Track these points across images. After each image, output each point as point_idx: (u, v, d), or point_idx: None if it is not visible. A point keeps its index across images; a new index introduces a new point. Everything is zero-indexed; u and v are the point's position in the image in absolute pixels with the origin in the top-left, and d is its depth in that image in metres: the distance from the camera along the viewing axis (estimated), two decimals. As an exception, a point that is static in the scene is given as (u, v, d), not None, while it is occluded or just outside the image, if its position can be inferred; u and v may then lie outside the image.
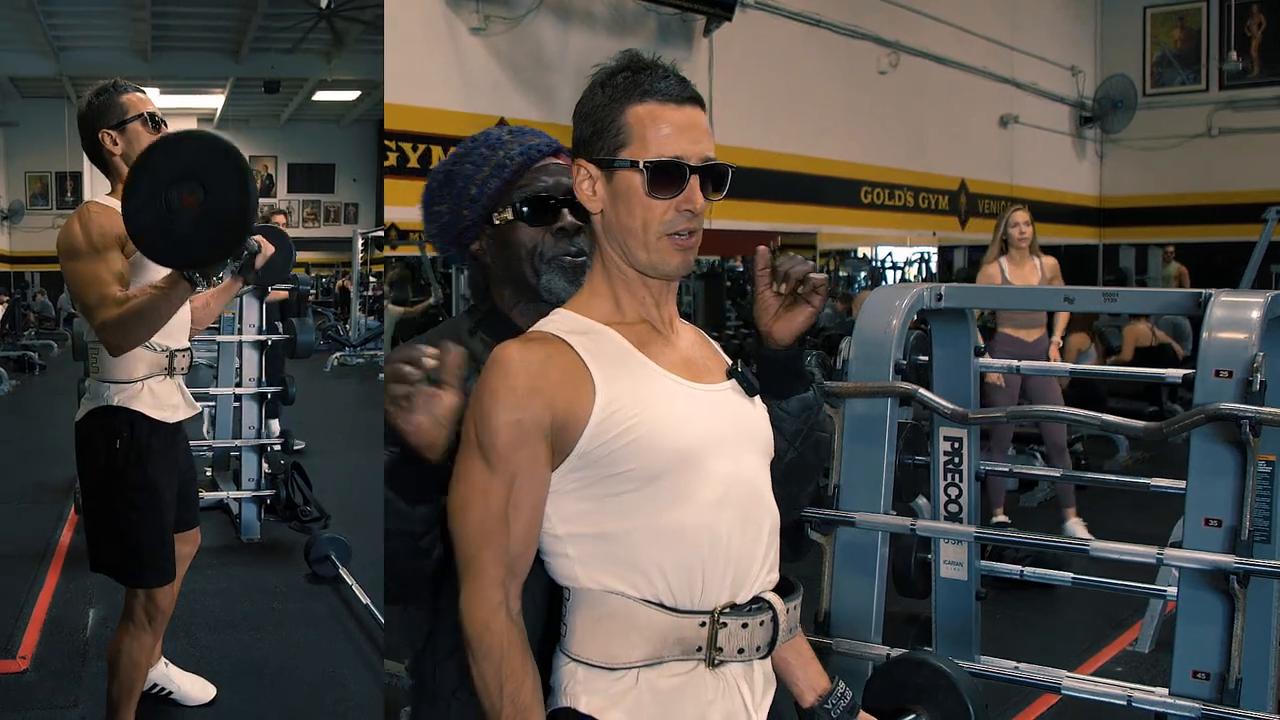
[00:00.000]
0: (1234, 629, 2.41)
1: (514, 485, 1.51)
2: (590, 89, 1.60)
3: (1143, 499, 3.75)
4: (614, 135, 1.56)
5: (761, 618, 1.57)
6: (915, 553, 3.55)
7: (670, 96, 1.57)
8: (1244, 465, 2.44)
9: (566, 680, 1.56)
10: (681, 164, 1.55)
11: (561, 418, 1.50)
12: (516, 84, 7.38)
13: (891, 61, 10.66)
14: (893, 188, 11.12)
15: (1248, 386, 2.42)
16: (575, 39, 7.66)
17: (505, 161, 1.83)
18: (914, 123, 11.30)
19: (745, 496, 1.59)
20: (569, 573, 1.56)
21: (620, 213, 1.56)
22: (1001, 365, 3.09)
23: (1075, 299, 2.99)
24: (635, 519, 1.52)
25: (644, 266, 1.58)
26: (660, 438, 1.51)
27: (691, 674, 1.54)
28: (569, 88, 7.61)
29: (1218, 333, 2.50)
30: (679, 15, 8.18)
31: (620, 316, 1.60)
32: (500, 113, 7.23)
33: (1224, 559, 2.40)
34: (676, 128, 1.56)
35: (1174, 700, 2.45)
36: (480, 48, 7.13)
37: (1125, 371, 3.55)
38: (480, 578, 1.52)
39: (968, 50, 11.86)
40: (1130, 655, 4.64)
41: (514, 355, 1.52)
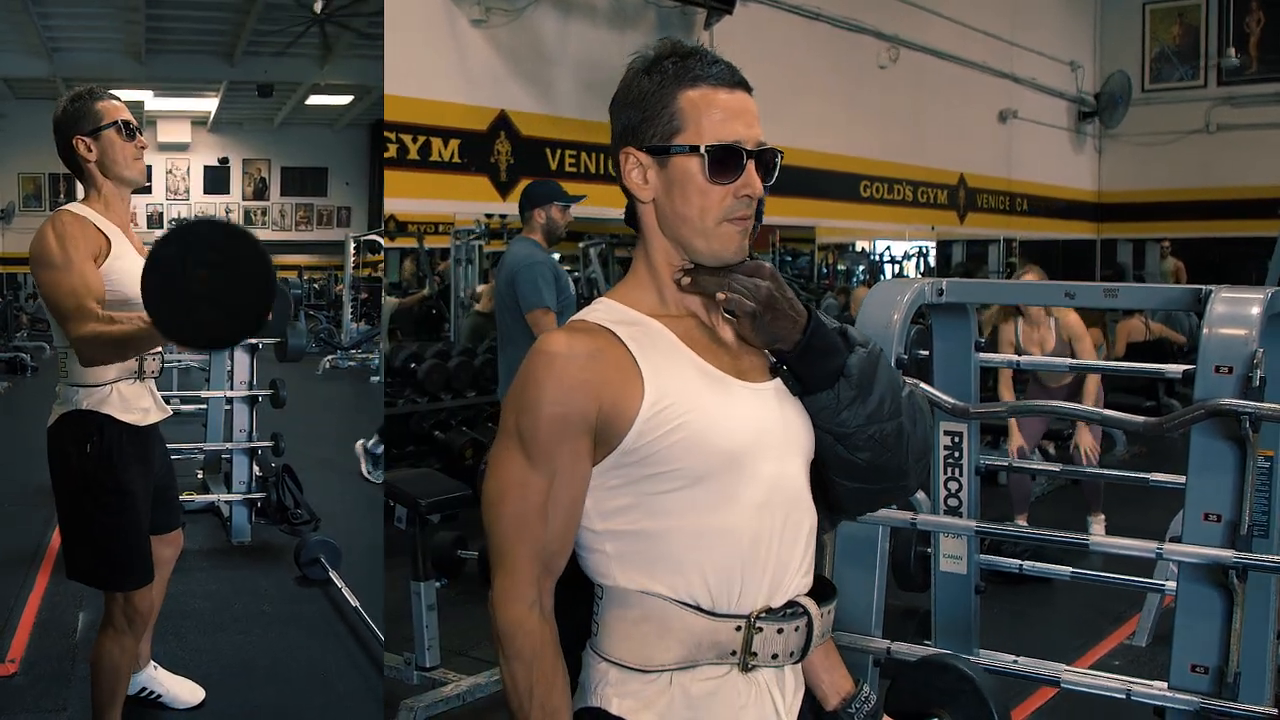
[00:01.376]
0: (1233, 623, 2.42)
1: (554, 480, 1.47)
2: (632, 77, 1.55)
3: (1139, 493, 3.76)
4: (667, 121, 1.52)
5: (797, 623, 1.55)
6: (915, 547, 3.56)
7: (722, 81, 1.53)
8: (1243, 461, 2.45)
9: (598, 680, 1.54)
10: (739, 148, 1.51)
11: (608, 412, 1.47)
12: (517, 76, 7.38)
13: (891, 56, 10.66)
14: (892, 182, 11.12)
15: (1248, 382, 2.43)
16: (575, 31, 7.66)
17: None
18: (913, 117, 11.31)
19: (787, 500, 1.56)
20: (605, 570, 1.53)
21: (676, 200, 1.53)
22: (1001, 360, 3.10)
23: (1076, 294, 3.00)
24: (677, 519, 1.49)
25: (702, 254, 1.54)
26: (709, 438, 1.48)
27: (725, 678, 1.52)
28: (570, 80, 7.61)
29: (1218, 329, 2.51)
30: (679, 9, 8.17)
31: (665, 309, 1.57)
32: (500, 105, 7.23)
33: (1223, 554, 2.42)
34: (731, 112, 1.52)
35: (1173, 694, 2.47)
36: (481, 40, 7.12)
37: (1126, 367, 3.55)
38: (514, 574, 1.48)
39: (967, 45, 11.86)
40: (1128, 649, 4.66)
41: (561, 345, 1.48)
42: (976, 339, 3.19)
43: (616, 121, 1.57)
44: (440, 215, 11.72)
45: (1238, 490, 2.45)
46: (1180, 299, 2.76)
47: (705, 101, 1.52)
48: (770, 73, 8.91)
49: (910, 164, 11.35)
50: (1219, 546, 2.45)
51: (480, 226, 11.26)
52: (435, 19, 6.87)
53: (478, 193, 7.24)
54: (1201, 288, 2.65)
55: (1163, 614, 4.49)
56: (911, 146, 11.33)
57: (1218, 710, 2.37)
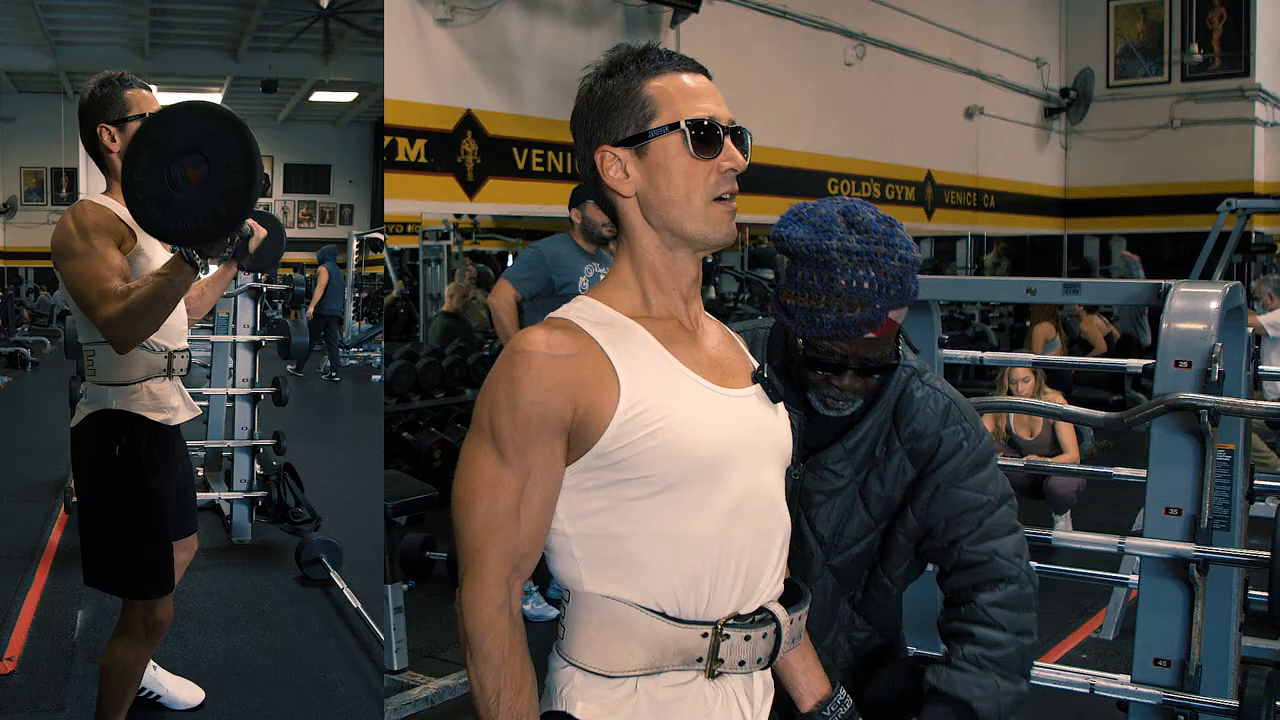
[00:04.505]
0: (1194, 616, 2.44)
1: (528, 480, 1.46)
2: (592, 84, 1.55)
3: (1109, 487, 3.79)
4: (639, 109, 1.51)
5: (765, 630, 1.54)
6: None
7: (684, 67, 1.54)
8: (1203, 454, 2.47)
9: (563, 684, 1.53)
10: (717, 124, 1.51)
11: (583, 414, 1.45)
12: (483, 76, 7.34)
13: (858, 53, 10.67)
14: (859, 179, 11.14)
15: (1206, 377, 2.45)
16: (542, 30, 7.63)
17: (868, 319, 1.76)
18: (880, 114, 11.33)
19: (761, 508, 1.55)
20: (573, 574, 1.52)
21: (661, 186, 1.51)
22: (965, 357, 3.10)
23: (1037, 290, 3.01)
24: (648, 524, 1.48)
25: (692, 237, 1.52)
26: (682, 445, 1.46)
27: (691, 685, 1.51)
28: (536, 79, 7.58)
29: (1177, 324, 2.53)
30: (645, 7, 8.16)
31: (647, 311, 1.55)
32: (467, 105, 7.19)
33: (1183, 547, 2.43)
34: (699, 93, 1.53)
35: (1136, 688, 2.48)
36: (446, 39, 7.08)
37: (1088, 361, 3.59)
38: (484, 575, 1.47)
39: (934, 42, 11.90)
40: (1095, 642, 4.69)
41: (539, 345, 1.47)
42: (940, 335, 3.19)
43: (583, 131, 1.56)
44: (407, 215, 11.66)
45: (1198, 484, 2.47)
46: (1140, 294, 2.78)
47: (673, 85, 1.52)
48: (737, 71, 8.91)
49: (877, 161, 11.37)
50: (1180, 540, 2.46)
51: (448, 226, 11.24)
52: (400, 18, 6.83)
53: (444, 193, 7.20)
54: (1161, 283, 2.67)
55: (1129, 608, 4.52)
56: (879, 143, 11.36)
57: (1179, 703, 2.39)
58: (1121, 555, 2.79)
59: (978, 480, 1.89)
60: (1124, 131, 14.94)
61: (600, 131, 1.54)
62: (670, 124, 1.50)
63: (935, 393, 1.92)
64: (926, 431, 1.89)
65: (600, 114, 1.53)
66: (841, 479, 1.92)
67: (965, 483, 1.88)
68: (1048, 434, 6.17)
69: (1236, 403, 2.45)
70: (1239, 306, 2.76)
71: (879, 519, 1.94)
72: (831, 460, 1.92)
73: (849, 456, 1.92)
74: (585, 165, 1.57)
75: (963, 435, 1.90)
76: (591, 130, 1.55)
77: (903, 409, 1.91)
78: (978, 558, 1.87)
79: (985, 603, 1.84)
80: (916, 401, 1.91)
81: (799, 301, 1.77)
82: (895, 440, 1.91)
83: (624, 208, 1.55)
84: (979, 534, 1.87)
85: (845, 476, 1.92)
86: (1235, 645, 2.78)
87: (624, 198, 1.54)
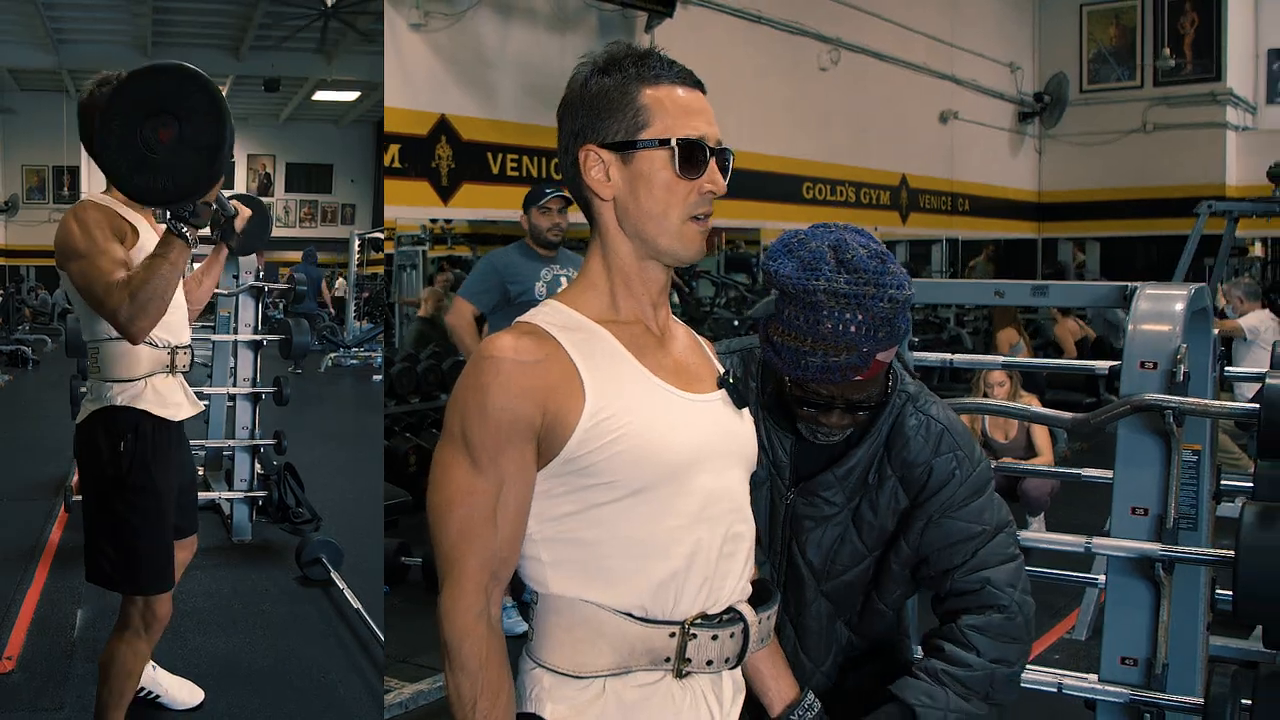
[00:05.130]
0: (1160, 615, 2.45)
1: (502, 487, 1.46)
2: (585, 78, 1.54)
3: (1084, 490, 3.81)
4: (632, 116, 1.50)
5: (733, 629, 1.55)
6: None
7: (683, 80, 1.54)
8: (1169, 455, 2.49)
9: (532, 686, 1.53)
10: (704, 144, 1.51)
11: (551, 420, 1.45)
12: (457, 80, 7.33)
13: (833, 58, 10.71)
14: (834, 183, 11.18)
15: (1172, 378, 2.47)
16: (516, 35, 7.62)
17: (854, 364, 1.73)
18: (855, 119, 11.37)
19: (727, 511, 1.56)
20: (540, 577, 1.52)
21: (640, 196, 1.51)
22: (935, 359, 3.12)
23: (1005, 293, 3.03)
24: (614, 528, 1.48)
25: (663, 252, 1.53)
26: (647, 451, 1.47)
27: (659, 684, 1.52)
28: (511, 84, 7.58)
29: (1142, 325, 2.55)
30: (620, 12, 8.17)
31: (615, 315, 1.55)
32: (441, 110, 7.18)
33: (1149, 546, 2.45)
34: (693, 109, 1.52)
35: (1103, 687, 2.49)
36: (420, 44, 7.08)
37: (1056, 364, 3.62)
38: (462, 583, 1.46)
39: (908, 47, 11.95)
40: (1068, 643, 4.72)
41: (507, 351, 1.46)
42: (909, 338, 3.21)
43: (570, 121, 1.55)
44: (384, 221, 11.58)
45: (1163, 484, 2.49)
46: (1107, 296, 2.80)
47: (669, 98, 1.51)
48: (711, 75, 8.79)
49: (852, 165, 11.41)
50: (1146, 540, 2.48)
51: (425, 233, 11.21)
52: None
53: (419, 198, 7.20)
54: (1127, 285, 2.69)
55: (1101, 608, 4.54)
56: (853, 148, 11.39)
57: (1145, 702, 2.40)
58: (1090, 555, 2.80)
59: (972, 510, 1.86)
60: (1097, 136, 15.04)
61: (588, 128, 1.53)
62: (661, 139, 1.49)
63: (929, 420, 1.89)
64: (918, 460, 1.87)
65: (591, 111, 1.52)
66: (833, 506, 1.90)
67: (959, 513, 1.86)
68: (1022, 437, 6.21)
69: (1201, 403, 2.48)
70: (1204, 308, 2.78)
71: (872, 547, 1.91)
72: (823, 487, 1.90)
73: (840, 483, 1.89)
74: (567, 157, 1.56)
75: (955, 464, 1.87)
76: (579, 124, 1.54)
77: (895, 436, 1.88)
78: (970, 586, 1.85)
79: (966, 624, 1.83)
80: (909, 429, 1.88)
81: (785, 340, 1.75)
82: (888, 468, 1.89)
83: (600, 209, 1.55)
84: (973, 564, 1.85)
85: (837, 504, 1.90)
86: (1203, 644, 2.80)
87: (602, 200, 1.54)
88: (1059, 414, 2.69)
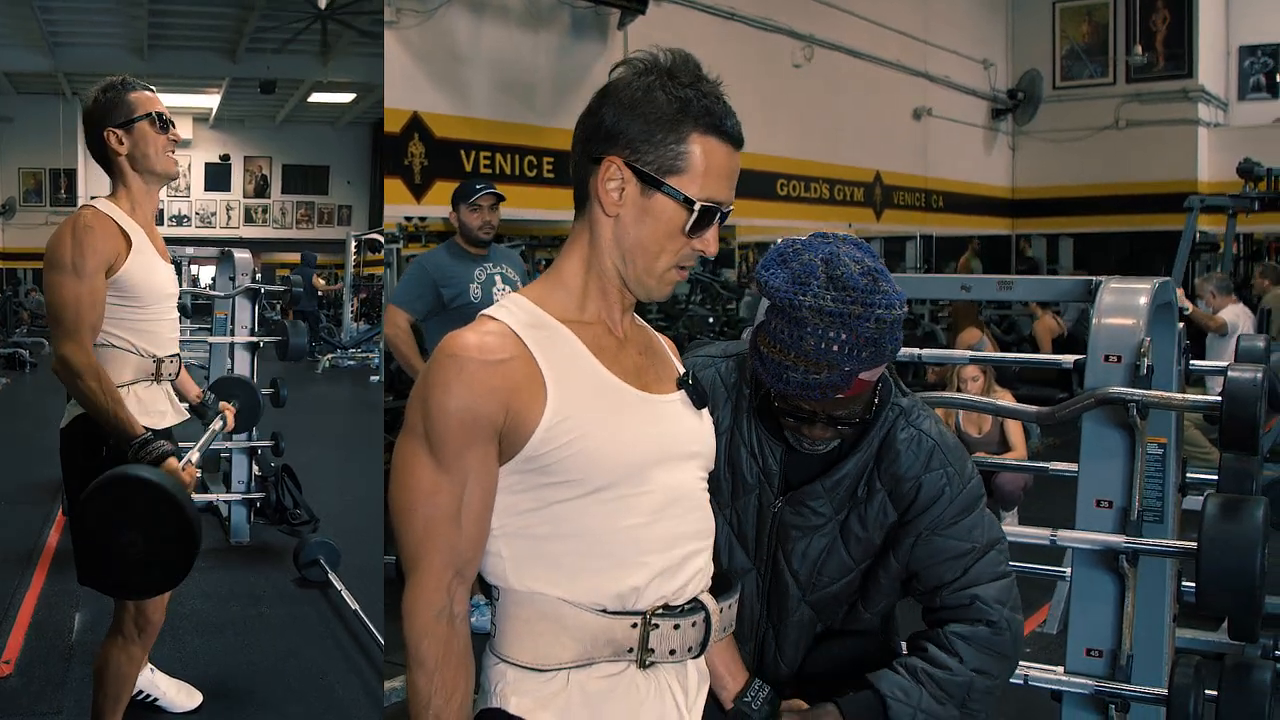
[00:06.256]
0: (1125, 607, 2.47)
1: (466, 485, 1.46)
2: (645, 83, 1.51)
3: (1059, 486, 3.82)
4: (671, 155, 1.49)
5: (694, 618, 1.55)
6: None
7: (732, 138, 1.53)
8: (1133, 447, 2.50)
9: (496, 681, 1.54)
10: (718, 210, 1.52)
11: (513, 420, 1.46)
12: (430, 78, 7.33)
13: (806, 55, 10.72)
14: (809, 180, 11.20)
15: (1136, 371, 2.48)
16: (488, 32, 7.61)
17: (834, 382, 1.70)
18: (829, 116, 11.39)
19: (685, 509, 1.58)
20: (500, 572, 1.52)
21: (643, 232, 1.51)
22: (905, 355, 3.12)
23: (972, 287, 3.05)
24: (574, 525, 1.49)
25: (635, 286, 1.54)
26: (606, 450, 1.48)
27: (622, 675, 1.52)
28: (483, 81, 7.57)
29: (1106, 319, 2.56)
30: (593, 9, 8.16)
31: (579, 314, 1.55)
32: (414, 107, 7.17)
33: (1113, 539, 2.46)
34: (728, 173, 1.53)
35: (1069, 678, 2.51)
36: (392, 41, 7.07)
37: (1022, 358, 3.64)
38: (425, 581, 1.47)
39: (882, 44, 11.98)
40: (1039, 636, 4.74)
41: (471, 350, 1.46)
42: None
43: (607, 117, 1.52)
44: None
45: (1128, 476, 2.50)
46: (1072, 290, 2.81)
47: (713, 156, 1.51)
48: (685, 72, 8.91)
49: (826, 162, 11.43)
50: (1110, 532, 2.49)
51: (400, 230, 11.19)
52: (345, 20, 6.80)
53: (392, 195, 7.19)
54: (1092, 278, 2.70)
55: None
56: (827, 145, 11.42)
57: (1110, 693, 2.42)
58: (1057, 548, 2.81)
59: (962, 527, 1.85)
60: (1070, 132, 15.12)
61: (623, 139, 1.50)
62: (687, 196, 1.49)
63: (921, 435, 1.87)
64: (908, 474, 1.85)
65: (637, 122, 1.50)
66: (821, 516, 1.89)
67: (949, 530, 1.85)
68: (996, 432, 6.24)
69: (1164, 396, 2.49)
70: (1169, 302, 2.80)
71: (859, 560, 1.90)
72: (811, 497, 1.88)
73: (829, 495, 1.88)
74: (589, 147, 1.54)
75: (945, 480, 1.85)
76: (617, 128, 1.51)
77: (886, 449, 1.87)
78: (960, 601, 1.84)
79: (952, 631, 1.83)
80: (900, 442, 1.86)
81: (770, 352, 1.73)
82: (877, 481, 1.87)
83: (600, 219, 1.54)
84: (963, 581, 1.84)
85: (825, 514, 1.88)
86: (1169, 636, 2.83)
87: (605, 214, 1.53)
88: (1025, 407, 2.71)
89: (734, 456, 1.90)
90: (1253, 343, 3.61)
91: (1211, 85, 15.04)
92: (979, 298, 3.94)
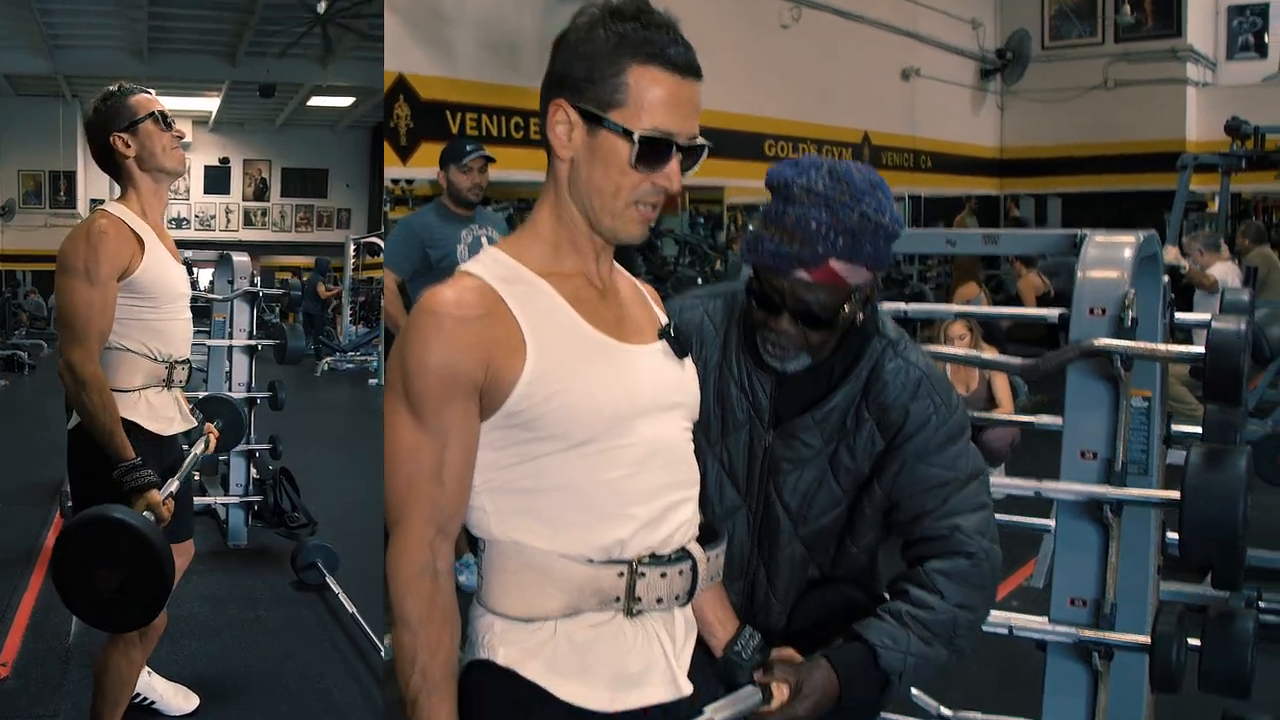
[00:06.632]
0: (1109, 557, 2.49)
1: (447, 442, 1.46)
2: (588, 23, 1.49)
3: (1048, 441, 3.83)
4: (610, 90, 1.47)
5: (681, 566, 1.56)
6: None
7: (676, 66, 1.49)
8: (1117, 399, 2.51)
9: (484, 632, 1.54)
10: (671, 141, 1.49)
11: (493, 375, 1.45)
12: (415, 39, 7.26)
13: (794, 15, 10.67)
14: (796, 140, 11.16)
15: (1120, 323, 2.49)
16: (474, -8, 7.56)
17: (802, 256, 1.71)
18: (817, 76, 11.34)
19: (670, 460, 1.58)
20: (485, 526, 1.53)
21: (594, 172, 1.49)
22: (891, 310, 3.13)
23: (957, 242, 3.05)
24: (557, 478, 1.49)
25: (603, 230, 1.52)
26: (588, 404, 1.48)
27: (610, 623, 1.53)
28: (469, 42, 7.51)
29: (1091, 271, 2.56)
30: (579, -32, 8.11)
31: (557, 266, 1.54)
32: (399, 68, 7.12)
33: (1097, 489, 2.48)
34: (675, 101, 1.49)
35: (1053, 627, 2.53)
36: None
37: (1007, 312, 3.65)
38: (408, 538, 1.47)
39: (870, 3, 11.91)
40: (1026, 590, 4.78)
41: (449, 307, 1.45)
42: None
43: (557, 62, 1.51)
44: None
45: (1112, 428, 2.51)
46: (1057, 244, 2.81)
47: (654, 83, 1.48)
48: (672, 32, 8.86)
49: (815, 123, 11.39)
50: (1095, 483, 2.51)
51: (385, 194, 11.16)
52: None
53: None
54: (1077, 232, 2.70)
55: (1058, 555, 4.60)
56: (816, 105, 11.37)
57: (1093, 641, 2.44)
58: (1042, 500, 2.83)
59: (947, 456, 1.86)
60: (1059, 92, 15.08)
61: (567, 81, 1.49)
62: (626, 128, 1.47)
63: (908, 365, 1.87)
64: (895, 403, 1.86)
65: (575, 64, 1.49)
66: (810, 448, 1.89)
67: (933, 458, 1.85)
68: (984, 389, 6.25)
69: (1148, 347, 2.50)
70: (1154, 254, 2.80)
71: (848, 491, 1.91)
72: (801, 429, 1.89)
73: (819, 426, 1.88)
74: (543, 96, 1.54)
75: (932, 409, 1.86)
76: (562, 72, 1.50)
77: (874, 379, 1.87)
78: (939, 532, 1.84)
79: (932, 568, 1.83)
80: (888, 372, 1.87)
81: (756, 228, 1.76)
82: (865, 411, 1.88)
83: (558, 165, 1.53)
84: (943, 510, 1.84)
85: (814, 446, 1.89)
86: (1154, 587, 2.84)
87: (559, 158, 1.52)
88: (1009, 360, 2.72)
89: (724, 393, 1.91)
90: (1237, 295, 3.61)
91: (1200, 45, 15.00)
92: (963, 252, 3.94)
